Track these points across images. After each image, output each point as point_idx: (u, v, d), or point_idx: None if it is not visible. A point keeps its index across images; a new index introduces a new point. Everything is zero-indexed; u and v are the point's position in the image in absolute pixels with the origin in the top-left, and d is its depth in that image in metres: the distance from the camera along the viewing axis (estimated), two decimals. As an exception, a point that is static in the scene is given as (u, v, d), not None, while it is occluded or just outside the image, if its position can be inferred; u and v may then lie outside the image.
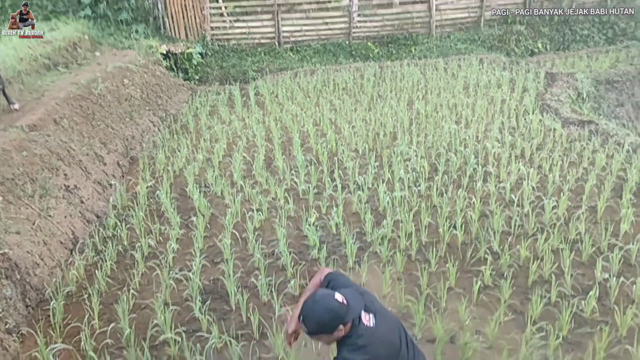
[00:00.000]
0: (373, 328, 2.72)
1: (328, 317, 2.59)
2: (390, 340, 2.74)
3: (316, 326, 2.63)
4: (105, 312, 4.55)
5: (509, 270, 4.85)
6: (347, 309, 2.63)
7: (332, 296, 2.63)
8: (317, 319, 2.61)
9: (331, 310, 2.59)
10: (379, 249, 5.29)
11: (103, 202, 6.51)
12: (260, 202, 6.29)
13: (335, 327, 2.61)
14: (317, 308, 2.61)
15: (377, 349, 2.65)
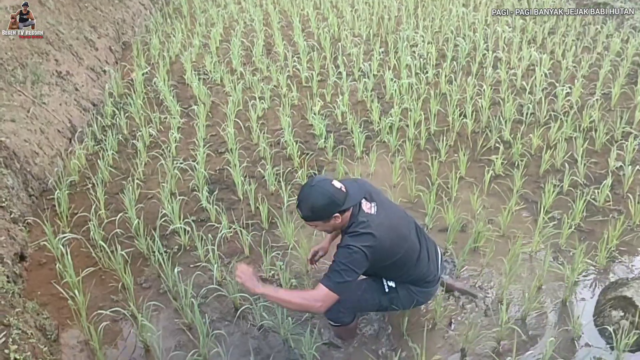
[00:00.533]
0: (375, 215, 2.65)
1: (323, 202, 2.51)
2: (394, 227, 2.68)
3: (310, 211, 2.55)
4: (110, 202, 4.47)
5: (520, 159, 4.76)
6: (345, 195, 2.55)
7: (329, 182, 2.55)
8: (311, 203, 2.53)
9: (327, 195, 2.51)
10: (387, 138, 5.16)
11: (98, 89, 6.25)
12: (262, 89, 6.05)
13: (331, 214, 2.54)
14: (313, 192, 2.53)
15: (380, 236, 2.59)
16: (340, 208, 2.52)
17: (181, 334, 3.33)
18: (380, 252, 2.62)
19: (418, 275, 2.88)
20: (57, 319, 3.46)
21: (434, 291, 3.05)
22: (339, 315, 2.96)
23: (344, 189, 2.57)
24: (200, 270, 3.73)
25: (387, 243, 2.63)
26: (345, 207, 2.54)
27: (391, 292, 2.92)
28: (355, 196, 2.61)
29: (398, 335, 3.23)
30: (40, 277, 3.81)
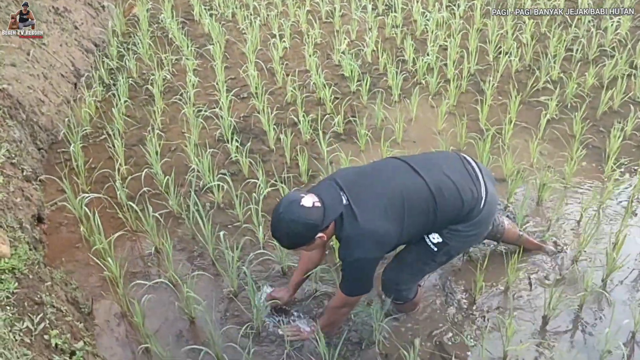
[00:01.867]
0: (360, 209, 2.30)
1: (298, 229, 2.19)
2: (386, 203, 2.29)
3: (288, 240, 2.27)
4: (129, 155, 4.05)
5: (574, 100, 4.38)
6: (322, 211, 2.20)
7: (297, 203, 2.18)
8: (285, 233, 2.22)
9: (299, 221, 2.16)
10: (424, 80, 4.73)
11: (99, 27, 5.67)
12: (280, 26, 5.53)
13: (312, 237, 2.23)
14: (283, 221, 2.18)
15: (378, 226, 2.27)
16: (320, 228, 2.20)
17: (227, 302, 3.01)
18: (392, 236, 2.32)
19: (455, 212, 2.40)
20: (87, 288, 3.12)
21: (487, 214, 2.49)
22: (402, 294, 2.68)
23: (318, 203, 2.21)
24: (240, 231, 3.38)
25: (392, 226, 2.29)
26: (325, 224, 2.22)
27: (441, 247, 2.48)
28: (335, 207, 2.25)
29: (470, 301, 2.93)
30: (62, 241, 3.45)
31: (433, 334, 2.78)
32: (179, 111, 4.48)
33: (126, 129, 4.30)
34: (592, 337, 2.74)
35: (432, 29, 5.27)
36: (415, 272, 2.64)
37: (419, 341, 2.68)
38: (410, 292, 2.70)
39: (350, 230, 2.25)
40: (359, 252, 2.26)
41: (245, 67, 4.91)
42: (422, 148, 4.00)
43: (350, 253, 2.28)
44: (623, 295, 2.93)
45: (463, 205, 2.38)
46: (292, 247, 2.32)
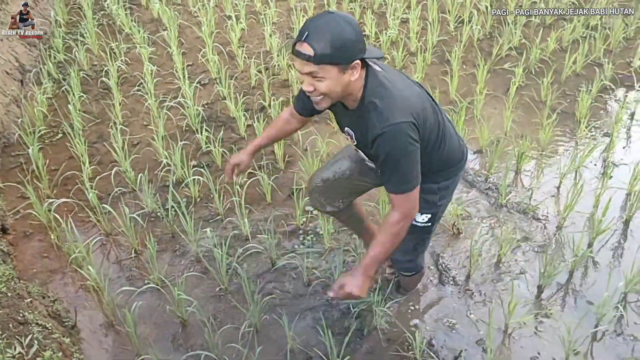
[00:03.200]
0: (391, 74, 1.93)
1: (351, 34, 1.68)
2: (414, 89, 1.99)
3: (330, 45, 1.66)
4: (92, 153, 3.83)
5: (538, 66, 4.42)
6: (364, 42, 1.77)
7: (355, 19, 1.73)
8: (335, 33, 1.66)
9: (355, 26, 1.71)
10: (389, 55, 4.66)
11: (39, 17, 5.32)
12: (235, 6, 5.33)
13: (354, 56, 1.72)
14: (336, 20, 1.68)
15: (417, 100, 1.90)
16: (363, 55, 1.74)
17: (218, 301, 2.90)
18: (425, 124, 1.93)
19: (455, 149, 2.20)
20: (67, 300, 2.94)
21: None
22: (414, 263, 2.58)
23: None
24: (223, 225, 3.26)
25: (426, 109, 1.95)
26: (367, 55, 1.76)
27: (432, 218, 2.28)
28: (372, 49, 1.82)
29: (465, 277, 2.93)
30: (31, 251, 3.24)
31: (433, 313, 2.76)
32: (139, 103, 4.27)
33: (84, 126, 4.06)
34: (586, 300, 2.78)
35: (390, 1, 5.19)
36: (419, 242, 2.45)
37: (420, 323, 2.66)
38: (421, 259, 2.60)
39: (379, 92, 1.83)
40: (398, 115, 1.80)
41: (203, 51, 4.71)
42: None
43: (387, 118, 1.80)
44: (610, 258, 2.99)
45: (462, 149, 2.27)
46: (326, 58, 1.68)
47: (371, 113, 1.83)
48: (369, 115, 1.85)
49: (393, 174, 1.89)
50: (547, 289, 2.82)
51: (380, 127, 1.81)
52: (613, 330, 2.62)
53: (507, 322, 2.62)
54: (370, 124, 1.84)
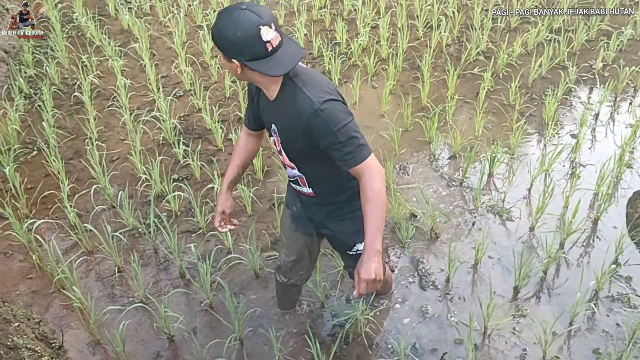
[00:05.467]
0: (307, 69, 1.95)
1: (230, 34, 1.72)
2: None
3: (216, 32, 1.76)
4: (69, 169, 3.81)
5: (505, 70, 4.55)
6: (265, 54, 1.74)
7: (258, 23, 1.70)
8: (221, 25, 1.75)
9: (239, 33, 1.71)
10: (360, 62, 4.74)
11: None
12: (205, 16, 5.35)
13: (231, 55, 1.77)
14: (232, 17, 1.73)
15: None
16: (245, 60, 1.76)
17: (203, 315, 2.94)
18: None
19: None
20: (51, 321, 2.95)
21: None
22: None
23: (272, 45, 1.74)
24: (205, 239, 3.29)
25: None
26: (252, 66, 1.76)
27: None
28: (282, 65, 1.78)
29: (444, 280, 3.03)
30: (12, 272, 3.23)
31: (415, 318, 2.85)
32: (114, 117, 4.26)
33: (59, 142, 4.04)
34: (560, 299, 2.90)
35: (359, 8, 5.27)
36: None
37: (404, 328, 2.75)
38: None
39: (304, 79, 1.88)
40: (326, 94, 1.85)
41: (176, 63, 4.71)
42: (371, 132, 4.02)
43: (316, 98, 1.83)
44: (581, 257, 3.12)
45: None
46: (214, 40, 1.80)
47: (298, 96, 1.85)
48: (295, 99, 1.86)
49: (347, 147, 1.84)
50: (523, 289, 2.94)
51: (312, 108, 1.82)
52: (586, 328, 2.74)
53: (486, 324, 2.72)
54: (299, 107, 1.85)
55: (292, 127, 1.91)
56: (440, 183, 3.65)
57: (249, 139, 2.32)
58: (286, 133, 1.98)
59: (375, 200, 1.85)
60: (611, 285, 2.93)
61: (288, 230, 2.47)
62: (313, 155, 1.95)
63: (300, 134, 1.89)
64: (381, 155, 3.76)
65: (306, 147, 1.94)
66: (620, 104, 4.27)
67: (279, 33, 1.77)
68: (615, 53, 4.62)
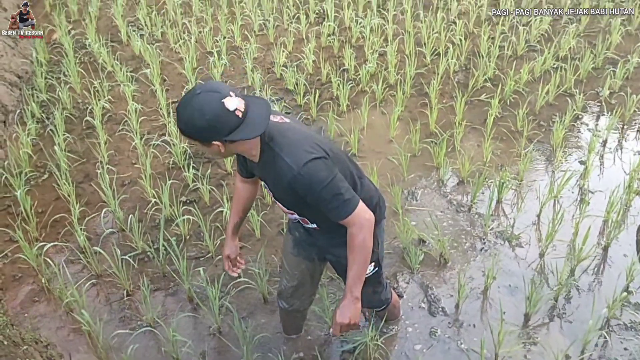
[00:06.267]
0: (286, 126, 1.98)
1: (200, 122, 1.76)
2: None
3: (184, 125, 1.80)
4: (79, 193, 3.84)
5: (513, 97, 4.59)
6: (238, 122, 1.78)
7: (219, 97, 1.75)
8: (187, 117, 1.78)
9: (206, 115, 1.75)
10: (368, 88, 4.79)
11: (19, 58, 5.33)
12: (216, 43, 5.43)
13: (208, 141, 1.82)
14: (193, 104, 1.76)
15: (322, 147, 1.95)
16: (223, 137, 1.79)
17: (211, 340, 2.93)
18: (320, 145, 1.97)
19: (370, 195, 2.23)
20: (59, 344, 2.94)
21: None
22: (378, 298, 2.56)
23: (240, 111, 1.77)
24: (214, 263, 3.30)
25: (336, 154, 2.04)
26: (232, 138, 1.79)
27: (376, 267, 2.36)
28: (258, 125, 1.81)
29: (454, 307, 3.01)
30: (21, 295, 3.23)
31: (425, 344, 2.83)
32: (124, 141, 4.31)
33: (70, 165, 4.07)
34: (571, 327, 2.88)
35: (367, 35, 5.34)
36: (376, 284, 2.50)
37: (413, 354, 2.73)
38: (385, 291, 2.60)
39: (282, 143, 1.91)
40: (303, 154, 1.88)
41: (186, 88, 4.77)
42: (379, 156, 4.04)
43: (295, 162, 1.87)
44: (592, 284, 3.10)
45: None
46: (186, 134, 1.84)
47: (277, 162, 1.90)
48: (275, 164, 1.92)
49: (331, 203, 1.92)
50: (534, 316, 2.91)
51: (291, 173, 1.87)
52: (599, 356, 2.71)
53: (497, 352, 2.69)
54: (280, 172, 1.90)
55: (279, 186, 2.00)
56: (449, 208, 3.65)
57: (245, 185, 2.38)
58: (275, 190, 2.07)
59: (359, 250, 1.99)
60: (623, 313, 2.90)
61: (289, 255, 2.48)
62: (307, 204, 1.99)
63: (288, 192, 1.96)
64: (389, 180, 3.78)
65: (297, 201, 2.00)
66: (627, 132, 4.29)
67: (241, 97, 1.80)
68: (621, 81, 4.65)
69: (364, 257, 2.03)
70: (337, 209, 1.93)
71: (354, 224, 1.96)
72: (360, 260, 2.03)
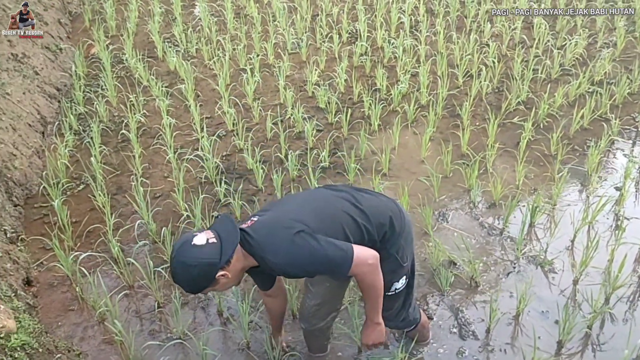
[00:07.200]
0: (257, 224, 2.11)
1: (195, 273, 1.95)
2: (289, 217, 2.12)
3: (190, 286, 2.03)
4: (113, 204, 3.90)
5: (546, 120, 4.55)
6: (219, 246, 1.97)
7: (189, 243, 1.96)
8: (185, 279, 1.98)
9: (193, 264, 1.94)
10: (399, 108, 4.80)
11: (59, 71, 5.48)
12: (249, 60, 5.51)
13: (213, 277, 1.98)
14: (179, 268, 1.97)
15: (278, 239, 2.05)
16: (219, 265, 1.97)
17: (240, 355, 2.94)
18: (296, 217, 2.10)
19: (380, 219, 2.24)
20: (90, 354, 2.97)
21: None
22: (406, 319, 2.56)
23: (213, 239, 1.98)
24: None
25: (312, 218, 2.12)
26: (225, 259, 1.97)
27: (398, 253, 2.33)
28: (232, 238, 2.01)
29: (484, 331, 2.97)
30: (55, 303, 3.28)
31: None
32: (158, 154, 4.38)
33: (105, 177, 4.15)
34: (606, 355, 2.82)
35: (400, 55, 5.36)
36: (406, 298, 2.51)
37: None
38: (414, 312, 2.61)
39: (259, 242, 2.05)
40: (279, 249, 2.02)
41: (219, 104, 4.85)
42: (411, 177, 4.04)
43: (273, 257, 2.03)
44: (627, 313, 3.04)
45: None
46: (196, 291, 2.07)
47: (266, 264, 2.06)
48: (266, 267, 2.09)
49: (328, 268, 2.06)
50: (567, 343, 2.86)
51: (280, 269, 2.08)
52: (635, 387, 2.65)
53: (530, 379, 2.65)
54: (275, 269, 2.10)
55: (290, 276, 2.26)
56: (480, 231, 3.62)
57: (271, 299, 2.61)
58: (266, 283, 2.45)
59: (369, 290, 2.15)
60: (660, 344, 2.83)
61: None
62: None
63: (296, 275, 2.21)
64: (420, 201, 3.77)
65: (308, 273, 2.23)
66: (664, 158, 4.22)
67: (204, 230, 2.03)
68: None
69: (375, 295, 2.17)
70: (335, 270, 2.07)
71: (357, 274, 2.07)
72: (373, 297, 2.18)
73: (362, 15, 6.00)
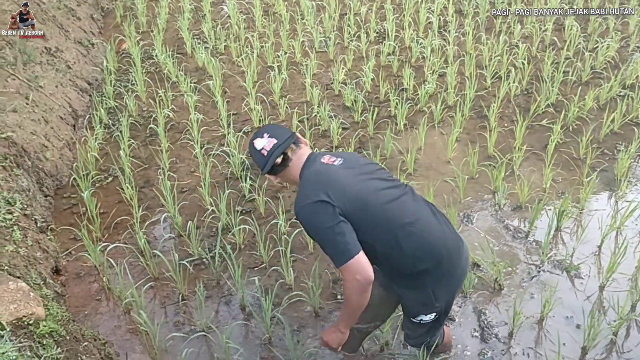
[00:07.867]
0: (333, 167, 2.18)
1: (253, 159, 2.28)
2: (357, 188, 2.12)
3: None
4: (140, 197, 3.96)
5: (575, 123, 4.49)
6: (264, 160, 2.21)
7: (252, 138, 2.28)
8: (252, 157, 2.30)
9: (251, 153, 2.28)
10: (426, 108, 4.78)
11: (90, 65, 5.58)
12: (277, 58, 5.53)
13: (262, 171, 2.26)
14: (251, 148, 2.29)
15: (331, 185, 2.09)
16: (264, 170, 2.23)
17: (262, 349, 2.96)
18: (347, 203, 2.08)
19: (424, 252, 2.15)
20: (116, 343, 3.03)
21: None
22: (428, 343, 2.51)
23: (266, 150, 2.20)
24: (266, 273, 3.34)
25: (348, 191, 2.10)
26: (265, 170, 2.23)
27: (435, 293, 2.23)
28: (269, 158, 2.19)
29: (507, 335, 2.95)
30: (82, 292, 3.35)
31: (476, 370, 2.78)
32: (185, 149, 4.43)
33: (133, 170, 4.21)
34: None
35: (427, 55, 5.34)
36: (430, 329, 2.45)
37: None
38: (436, 339, 2.55)
39: (303, 176, 2.22)
40: (310, 194, 2.09)
41: (246, 101, 4.88)
42: (436, 177, 4.02)
43: (299, 200, 2.14)
44: (655, 320, 2.99)
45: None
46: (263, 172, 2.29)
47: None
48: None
49: (326, 250, 2.08)
50: (592, 350, 2.83)
51: (296, 208, 2.13)
52: (661, 396, 2.60)
53: (553, 384, 2.62)
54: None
55: None
56: (505, 234, 3.59)
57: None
58: None
59: (345, 300, 2.16)
60: (688, 353, 2.78)
61: None
62: None
63: None
64: (445, 202, 3.75)
65: None
66: (697, 164, 4.13)
67: (274, 138, 2.21)
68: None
69: (350, 308, 2.16)
70: (331, 257, 2.08)
71: (344, 278, 2.08)
72: (347, 308, 2.19)
73: (391, 15, 5.98)
